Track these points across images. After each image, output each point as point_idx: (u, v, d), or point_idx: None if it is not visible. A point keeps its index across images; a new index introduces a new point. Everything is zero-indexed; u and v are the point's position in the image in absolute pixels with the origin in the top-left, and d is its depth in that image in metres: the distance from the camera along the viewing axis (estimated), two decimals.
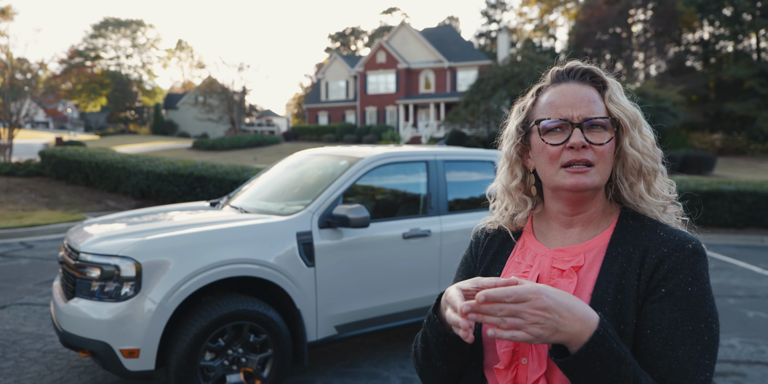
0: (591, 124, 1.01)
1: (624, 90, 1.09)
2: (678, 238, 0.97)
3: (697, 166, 24.17)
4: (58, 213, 10.71)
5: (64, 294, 3.32)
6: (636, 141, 1.03)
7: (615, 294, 0.95)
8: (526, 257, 1.11)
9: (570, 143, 1.00)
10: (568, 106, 1.02)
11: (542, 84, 1.11)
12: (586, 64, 1.09)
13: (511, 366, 1.01)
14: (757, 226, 11.17)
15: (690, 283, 0.93)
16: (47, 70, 22.49)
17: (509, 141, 1.13)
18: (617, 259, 0.99)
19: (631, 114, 1.04)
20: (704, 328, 0.91)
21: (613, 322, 0.93)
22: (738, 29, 39.71)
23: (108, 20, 70.09)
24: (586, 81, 1.06)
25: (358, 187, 3.96)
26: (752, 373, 4.01)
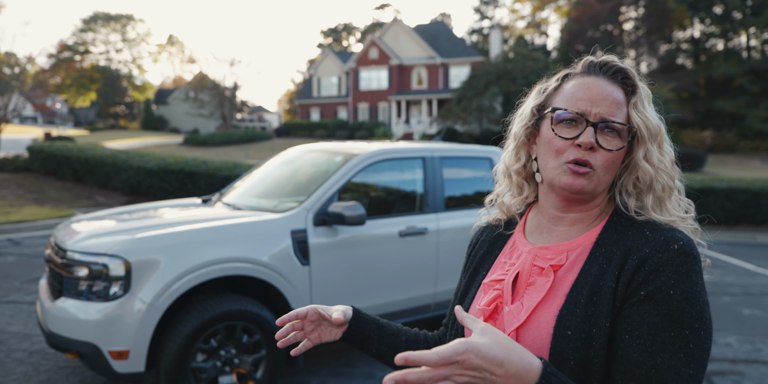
0: (607, 126, 0.94)
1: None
2: (664, 238, 0.90)
3: (688, 164, 24.30)
4: (46, 209, 10.56)
5: (51, 293, 3.22)
6: (653, 155, 0.96)
7: (590, 296, 0.90)
8: (512, 256, 1.07)
9: (579, 141, 0.94)
10: (588, 101, 0.96)
11: (571, 70, 1.05)
12: (622, 62, 1.01)
13: None
14: (748, 223, 11.22)
15: (673, 286, 0.85)
16: (36, 64, 22.25)
17: (521, 121, 1.07)
18: (598, 259, 0.93)
19: (654, 126, 0.97)
20: (689, 335, 0.83)
21: (585, 324, 0.88)
22: (728, 27, 39.91)
23: (98, 14, 69.36)
24: (616, 80, 0.99)
25: (353, 183, 3.89)
26: (750, 372, 3.98)
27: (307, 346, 1.12)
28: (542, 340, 0.91)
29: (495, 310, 1.00)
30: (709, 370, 4.02)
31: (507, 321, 0.97)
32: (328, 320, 1.12)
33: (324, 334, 1.14)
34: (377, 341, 1.16)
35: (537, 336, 0.92)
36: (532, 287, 0.98)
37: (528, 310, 0.94)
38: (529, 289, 0.98)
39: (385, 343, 1.16)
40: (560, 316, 0.91)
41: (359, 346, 1.16)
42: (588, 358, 0.88)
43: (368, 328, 1.15)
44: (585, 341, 0.88)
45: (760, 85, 36.15)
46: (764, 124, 34.35)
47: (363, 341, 1.16)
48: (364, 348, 1.17)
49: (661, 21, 40.67)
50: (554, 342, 0.89)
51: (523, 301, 0.97)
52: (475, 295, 1.09)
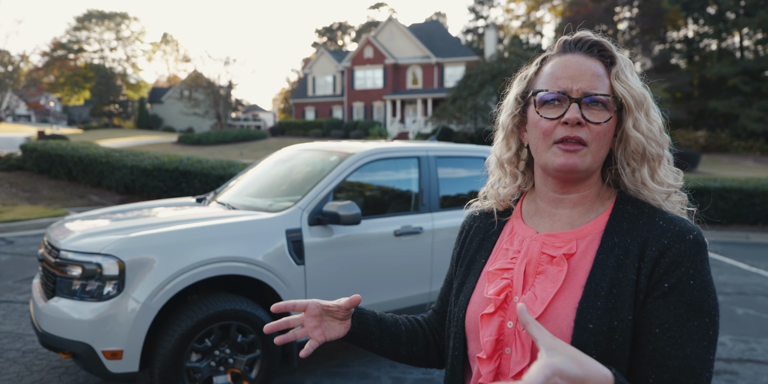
0: (591, 100, 0.93)
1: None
2: (678, 228, 0.91)
3: (682, 163, 24.35)
4: (39, 208, 10.50)
5: (44, 293, 3.20)
6: (641, 124, 0.96)
7: (610, 288, 0.89)
8: (514, 243, 1.04)
9: (565, 118, 0.93)
10: (568, 79, 0.95)
11: (548, 53, 1.04)
12: (597, 35, 1.01)
13: (494, 356, 0.97)
14: (741, 223, 11.28)
15: (692, 276, 0.87)
16: (29, 62, 22.13)
17: (507, 111, 1.07)
18: (613, 250, 0.92)
19: (638, 94, 0.96)
20: (708, 323, 0.87)
21: (606, 317, 0.87)
22: (722, 27, 40.09)
23: (92, 12, 69.01)
24: (593, 54, 0.98)
25: (348, 183, 3.88)
26: (744, 371, 4.00)
27: (313, 345, 1.05)
28: (562, 333, 0.89)
29: (505, 300, 0.98)
30: None
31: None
32: (333, 313, 1.08)
33: (328, 330, 1.08)
34: (379, 335, 1.13)
35: (556, 329, 0.90)
36: (543, 276, 0.96)
37: (544, 302, 0.92)
38: (540, 278, 0.96)
39: (387, 336, 1.14)
40: (580, 308, 0.89)
41: (362, 342, 1.13)
42: (610, 351, 0.87)
43: (370, 322, 1.13)
44: (607, 335, 0.87)
45: (753, 85, 36.35)
46: (757, 124, 34.55)
47: (366, 337, 1.12)
48: (367, 343, 1.13)
49: (655, 21, 40.79)
50: (576, 336, 0.87)
51: (535, 292, 0.94)
52: (476, 284, 1.06)
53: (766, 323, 5.17)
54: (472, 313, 1.02)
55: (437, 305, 1.24)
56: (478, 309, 1.01)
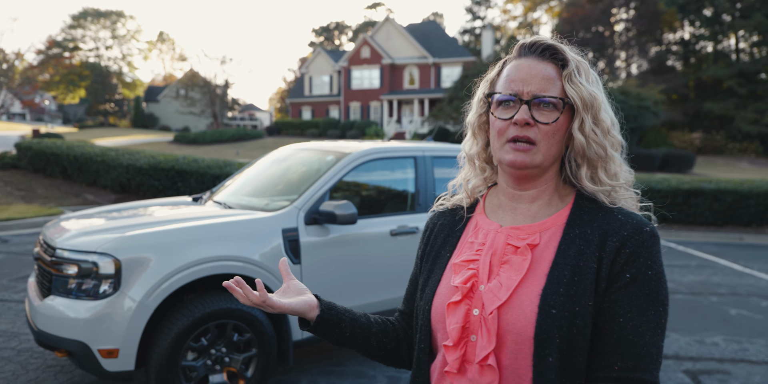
0: (541, 101, 0.99)
1: (604, 84, 1.08)
2: (636, 221, 0.98)
3: (677, 165, 24.48)
4: (34, 207, 10.47)
5: (40, 291, 3.20)
6: (585, 125, 1.00)
7: (572, 276, 0.94)
8: (478, 236, 1.09)
9: (514, 119, 0.99)
10: (520, 81, 1.01)
11: (508, 57, 1.10)
12: (552, 40, 1.05)
13: (460, 343, 1.00)
14: (736, 224, 11.33)
15: (649, 266, 0.94)
16: (24, 60, 22.05)
17: (474, 111, 1.13)
18: (575, 240, 0.98)
19: (587, 96, 1.00)
20: (662, 311, 0.94)
21: (568, 303, 0.92)
22: (718, 30, 40.24)
23: (87, 10, 68.80)
24: (545, 57, 1.03)
25: (345, 183, 3.89)
26: (737, 371, 4.03)
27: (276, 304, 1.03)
28: (527, 319, 0.93)
29: (471, 289, 1.01)
30: (697, 368, 4.06)
31: (486, 299, 0.98)
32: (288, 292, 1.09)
33: (289, 301, 1.07)
34: (350, 323, 1.14)
35: (521, 314, 0.94)
36: (508, 265, 1.00)
37: (509, 289, 0.96)
38: (504, 268, 1.00)
39: (357, 325, 1.15)
40: (544, 295, 0.94)
41: (333, 330, 1.12)
42: (572, 335, 0.92)
43: (339, 310, 1.14)
44: (569, 319, 0.92)
45: (749, 88, 36.51)
46: (752, 126, 34.68)
47: (336, 325, 1.12)
48: (338, 332, 1.12)
49: (651, 23, 40.91)
50: (539, 320, 0.92)
51: (501, 280, 0.98)
52: (441, 276, 1.09)
53: (759, 324, 5.20)
54: (439, 304, 1.06)
55: (403, 306, 1.27)
56: (444, 299, 1.05)
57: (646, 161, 24.41)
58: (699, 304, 5.82)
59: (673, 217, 11.32)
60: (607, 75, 41.75)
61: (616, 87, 27.89)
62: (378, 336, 1.18)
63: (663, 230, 10.90)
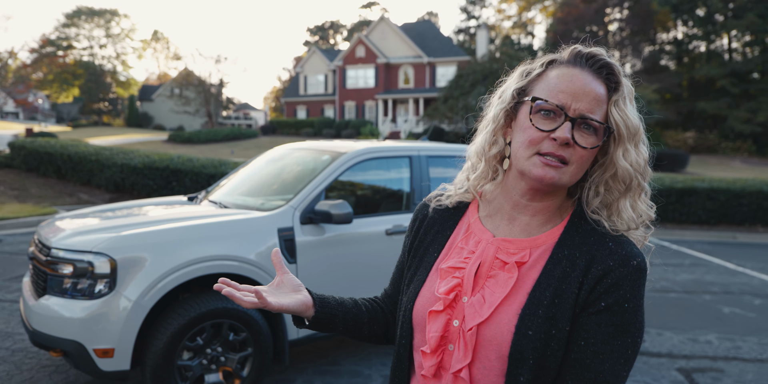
0: (585, 122, 0.94)
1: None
2: (625, 252, 0.94)
3: (670, 164, 24.57)
4: (28, 206, 10.42)
5: (35, 291, 3.19)
6: (630, 154, 0.97)
7: (552, 298, 0.93)
8: (469, 242, 1.06)
9: (555, 135, 0.93)
10: (570, 95, 0.94)
11: (557, 57, 1.02)
12: (610, 57, 0.99)
13: (437, 351, 1.00)
14: (729, 223, 11.40)
15: (628, 299, 0.92)
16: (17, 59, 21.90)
17: (501, 104, 1.04)
18: (561, 261, 0.96)
19: (633, 125, 0.96)
20: (630, 343, 0.92)
21: (545, 325, 0.91)
22: (710, 29, 40.44)
23: (81, 9, 68.43)
24: (601, 75, 0.97)
25: (340, 182, 3.89)
26: (730, 369, 4.06)
27: (271, 304, 0.99)
28: (503, 337, 0.93)
29: (454, 300, 1.00)
30: (690, 366, 4.09)
31: (468, 314, 0.97)
32: (281, 287, 1.07)
33: (282, 298, 1.04)
34: (342, 318, 1.13)
35: (498, 333, 0.93)
36: (493, 280, 0.98)
37: (491, 306, 0.95)
38: (490, 282, 0.98)
39: (350, 317, 1.15)
40: (522, 315, 0.92)
41: (326, 326, 1.12)
42: (545, 357, 0.91)
43: (332, 306, 1.12)
44: (544, 341, 0.91)
45: (741, 87, 36.71)
46: (745, 125, 34.89)
47: (330, 321, 1.12)
48: (331, 327, 1.13)
49: (645, 22, 41.05)
50: (515, 341, 0.91)
51: (484, 295, 0.97)
52: (426, 277, 1.08)
53: (751, 322, 5.24)
54: (421, 307, 1.05)
55: (389, 288, 1.26)
56: (427, 304, 1.04)
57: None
58: (692, 303, 5.85)
59: (667, 216, 11.37)
60: None
61: None
62: (369, 325, 1.18)
63: (657, 229, 10.96)
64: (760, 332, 4.94)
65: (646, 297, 6.00)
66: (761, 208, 11.17)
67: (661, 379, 3.85)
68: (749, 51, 39.84)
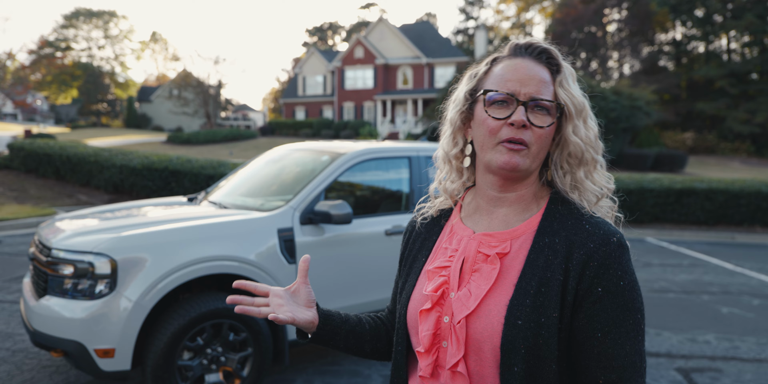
0: (536, 104, 0.99)
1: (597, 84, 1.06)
2: (603, 232, 0.97)
3: (669, 165, 24.60)
4: (27, 207, 10.42)
5: (35, 292, 3.20)
6: (580, 130, 1.02)
7: (538, 287, 0.95)
8: (452, 242, 1.09)
9: (512, 120, 0.98)
10: (517, 82, 1.00)
11: (499, 54, 1.09)
12: (546, 43, 1.06)
13: (432, 349, 1.02)
14: (728, 224, 11.41)
15: (620, 277, 0.94)
16: (16, 60, 21.91)
17: (456, 107, 1.10)
18: (543, 250, 0.98)
19: (579, 103, 1.02)
20: (640, 319, 0.95)
21: (534, 314, 0.93)
22: (709, 30, 40.49)
23: (79, 10, 68.42)
24: (541, 60, 1.03)
25: (339, 183, 3.90)
26: (728, 369, 4.07)
27: (283, 320, 1.03)
28: (493, 329, 0.94)
29: (442, 296, 1.02)
30: (689, 366, 4.10)
31: (456, 308, 0.99)
32: (296, 295, 1.09)
33: (296, 312, 1.07)
34: (345, 335, 1.15)
35: (488, 324, 0.95)
36: (478, 274, 1.00)
37: (477, 298, 0.97)
38: (475, 276, 1.01)
39: (352, 336, 1.17)
40: (511, 306, 0.94)
41: (328, 342, 1.14)
42: (537, 346, 0.93)
43: (336, 323, 1.14)
44: (534, 330, 0.92)
45: (740, 88, 36.75)
46: (744, 126, 34.92)
47: (332, 338, 1.14)
48: (333, 344, 1.15)
49: (643, 23, 41.11)
50: (505, 331, 0.93)
51: (470, 288, 0.99)
52: (416, 281, 1.11)
53: (750, 322, 5.25)
54: (413, 310, 1.07)
55: (391, 305, 1.28)
56: (418, 305, 1.06)
57: (639, 161, 24.54)
58: (691, 303, 5.87)
59: (666, 216, 11.39)
60: (600, 75, 41.93)
61: (609, 87, 27.98)
62: (372, 343, 1.20)
63: (655, 229, 10.98)
64: (759, 332, 4.95)
65: (645, 296, 6.02)
66: (760, 208, 11.19)
67: (659, 378, 3.86)
68: (748, 52, 39.89)
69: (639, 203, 11.34)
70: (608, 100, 25.13)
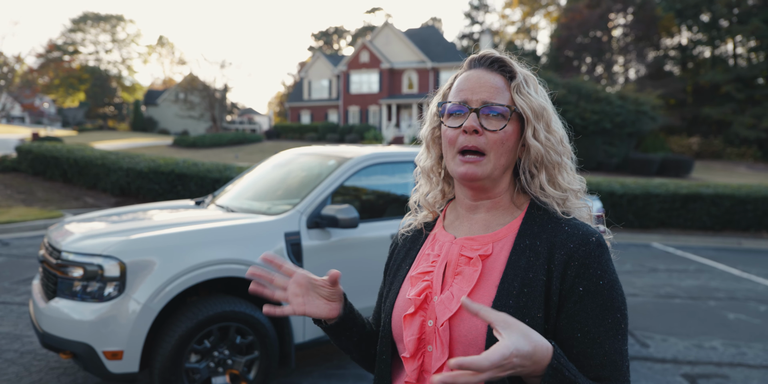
0: (489, 110, 1.01)
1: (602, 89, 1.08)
2: (582, 232, 0.99)
3: (675, 169, 24.55)
4: (34, 210, 10.49)
5: (45, 294, 3.23)
6: (539, 133, 1.03)
7: (521, 287, 0.95)
8: (435, 248, 1.11)
9: (464, 126, 1.00)
10: (469, 90, 1.03)
11: (459, 71, 1.12)
12: (499, 53, 1.09)
13: (417, 354, 1.02)
14: (734, 229, 11.37)
15: (600, 276, 0.95)
16: (24, 64, 22.06)
17: (428, 123, 1.15)
18: (525, 252, 0.99)
19: (537, 106, 1.03)
20: (620, 318, 0.95)
21: (518, 314, 0.93)
22: (715, 35, 40.47)
23: (87, 14, 68.89)
24: (494, 69, 1.06)
25: (346, 187, 3.92)
26: (735, 375, 4.06)
27: (287, 311, 1.06)
28: (478, 331, 0.94)
29: (425, 300, 1.03)
30: (695, 372, 4.09)
31: (439, 311, 0.99)
32: (318, 289, 1.11)
33: (310, 304, 1.10)
34: (359, 329, 1.17)
35: (472, 326, 0.95)
36: (460, 276, 1.01)
37: (459, 300, 0.97)
38: (458, 279, 1.02)
39: (366, 333, 1.19)
40: (494, 306, 0.95)
41: (343, 332, 1.16)
42: None
43: (356, 314, 1.17)
44: None
45: (746, 93, 36.67)
46: (750, 131, 34.82)
47: (349, 328, 1.15)
48: (347, 335, 1.16)
49: (649, 28, 41.10)
50: (490, 333, 0.92)
51: (453, 291, 1.00)
52: (400, 288, 1.11)
53: (756, 328, 5.24)
54: (397, 316, 1.08)
55: (375, 314, 1.28)
56: (401, 311, 1.07)
57: (644, 166, 24.50)
58: (697, 309, 5.85)
59: (672, 221, 11.36)
60: (605, 80, 41.90)
61: (614, 92, 27.97)
62: (371, 349, 1.22)
63: (661, 234, 10.95)
64: (766, 339, 4.93)
65: (651, 302, 6.01)
66: (766, 214, 11.14)
67: None
68: (754, 56, 39.81)
69: (645, 208, 11.31)
70: (614, 104, 25.12)
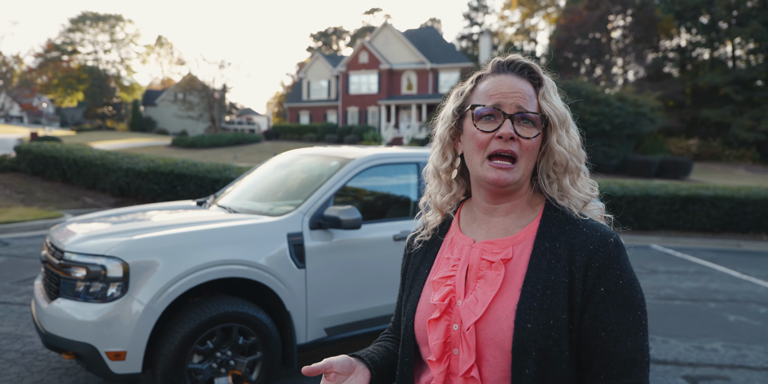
0: (522, 117, 1.03)
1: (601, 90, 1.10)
2: (600, 233, 1.01)
3: (674, 171, 24.58)
4: (34, 210, 10.47)
5: (47, 294, 3.22)
6: (563, 140, 1.06)
7: (544, 290, 0.97)
8: (454, 251, 1.12)
9: (499, 133, 1.02)
10: (502, 96, 1.04)
11: (483, 72, 1.14)
12: (526, 59, 1.11)
13: (443, 357, 1.04)
14: (733, 231, 11.38)
15: (620, 276, 0.98)
16: (23, 63, 22.04)
17: (444, 123, 1.15)
18: (545, 254, 1.01)
19: (561, 114, 1.07)
20: (640, 315, 0.98)
21: (542, 316, 0.95)
22: (714, 37, 40.54)
23: (86, 14, 68.86)
24: (524, 75, 1.08)
25: (348, 188, 3.92)
26: (736, 377, 4.06)
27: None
28: (504, 334, 0.96)
29: (449, 305, 1.04)
30: (696, 374, 4.09)
31: (464, 315, 1.01)
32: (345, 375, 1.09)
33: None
34: (389, 374, 1.19)
35: (498, 329, 0.97)
36: (483, 280, 1.03)
37: (484, 304, 1.00)
38: (480, 282, 1.03)
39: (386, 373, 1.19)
40: (519, 309, 0.97)
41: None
42: (548, 348, 0.95)
43: (384, 370, 1.17)
44: (544, 333, 0.95)
45: (745, 95, 36.74)
46: (749, 132, 34.88)
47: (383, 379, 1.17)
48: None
49: (648, 30, 41.16)
50: (516, 335, 0.95)
51: (476, 295, 1.02)
52: (421, 292, 1.13)
53: (757, 330, 5.24)
54: (420, 320, 1.09)
55: (395, 319, 1.30)
56: (425, 316, 1.08)
57: (643, 167, 24.52)
58: (697, 311, 5.86)
59: (671, 223, 11.37)
60: (604, 81, 41.94)
61: (613, 93, 27.99)
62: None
63: (661, 236, 10.96)
64: (766, 340, 4.94)
65: (651, 304, 6.01)
66: (766, 216, 11.16)
67: None
68: (753, 58, 39.89)
69: (644, 210, 11.32)
70: (613, 106, 25.13)
